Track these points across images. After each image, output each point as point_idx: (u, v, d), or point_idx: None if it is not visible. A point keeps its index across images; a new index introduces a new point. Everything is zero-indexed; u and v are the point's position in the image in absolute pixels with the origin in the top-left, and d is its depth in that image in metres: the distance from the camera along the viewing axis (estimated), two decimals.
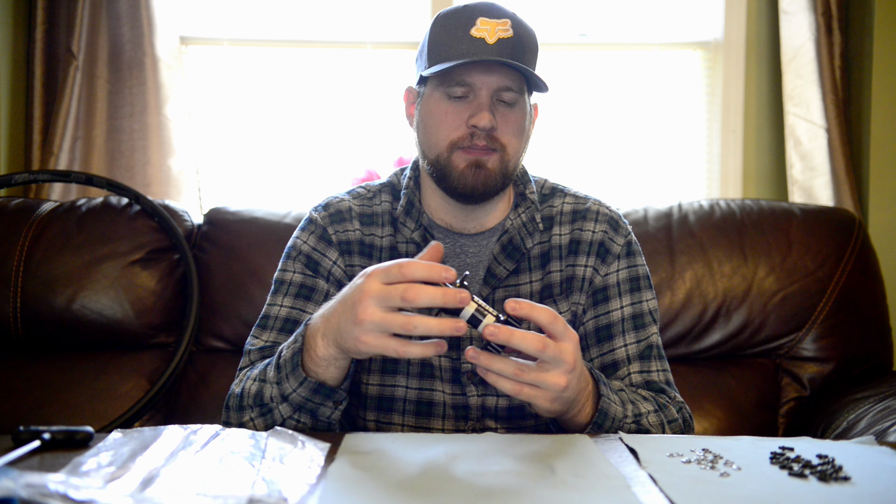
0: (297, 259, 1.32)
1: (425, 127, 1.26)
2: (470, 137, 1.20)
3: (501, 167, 1.23)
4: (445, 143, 1.22)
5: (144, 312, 1.86)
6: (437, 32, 1.23)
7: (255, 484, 0.81)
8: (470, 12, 1.20)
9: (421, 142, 1.28)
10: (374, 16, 2.47)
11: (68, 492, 0.71)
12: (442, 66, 1.18)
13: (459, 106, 1.21)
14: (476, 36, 1.18)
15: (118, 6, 2.29)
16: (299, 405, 1.09)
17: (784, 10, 2.31)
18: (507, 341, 0.93)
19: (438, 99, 1.23)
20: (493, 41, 1.18)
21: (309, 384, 1.06)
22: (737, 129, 2.43)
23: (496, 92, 1.21)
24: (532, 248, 1.31)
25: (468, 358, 0.95)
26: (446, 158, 1.22)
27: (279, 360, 1.10)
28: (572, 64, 2.48)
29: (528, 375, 0.95)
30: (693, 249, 1.91)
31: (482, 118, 1.19)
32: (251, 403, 1.13)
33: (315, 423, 1.11)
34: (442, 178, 1.24)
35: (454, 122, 1.21)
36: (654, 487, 0.84)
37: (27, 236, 1.87)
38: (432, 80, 1.24)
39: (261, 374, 1.14)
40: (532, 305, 0.95)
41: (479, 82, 1.20)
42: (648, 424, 1.15)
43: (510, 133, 1.22)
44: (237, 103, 2.46)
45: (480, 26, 1.19)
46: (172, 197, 2.31)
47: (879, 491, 0.84)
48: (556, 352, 0.95)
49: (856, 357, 1.87)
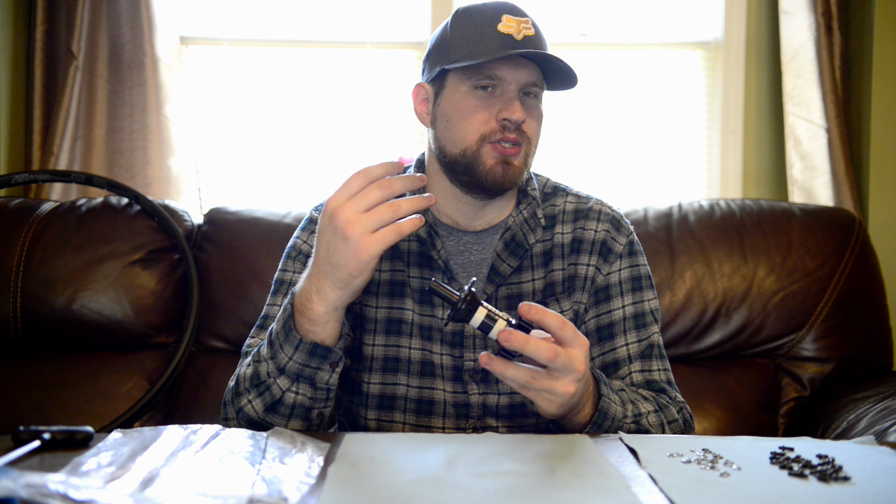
0: (297, 259, 1.32)
1: (449, 121, 1.24)
2: (501, 131, 1.21)
3: (525, 162, 1.25)
4: (476, 137, 1.22)
5: (144, 312, 1.86)
6: (460, 28, 1.23)
7: (255, 484, 0.81)
8: (494, 9, 1.22)
9: (441, 136, 1.26)
10: (374, 16, 2.47)
11: (68, 492, 0.71)
12: (476, 61, 1.18)
13: (488, 99, 1.22)
14: (504, 31, 1.20)
15: (118, 6, 2.29)
16: (297, 374, 1.08)
17: (784, 10, 2.31)
18: (521, 349, 0.94)
19: (466, 93, 1.23)
20: (520, 37, 1.20)
21: (305, 346, 1.06)
22: (737, 129, 2.43)
23: (523, 86, 1.23)
24: (534, 245, 1.32)
25: (482, 363, 0.96)
26: (475, 152, 1.22)
27: (270, 336, 1.10)
28: (572, 64, 2.47)
29: (538, 383, 0.97)
30: (693, 249, 1.91)
31: (515, 111, 1.20)
32: (248, 386, 1.13)
33: (315, 393, 1.09)
34: (466, 171, 1.23)
35: (484, 115, 1.21)
36: (654, 487, 0.84)
37: (27, 236, 1.87)
38: (456, 75, 1.24)
39: (255, 356, 1.14)
40: (544, 311, 0.96)
41: (509, 76, 1.21)
42: (648, 424, 1.15)
43: (535, 127, 1.25)
44: (237, 103, 2.46)
45: (507, 23, 1.21)
46: (172, 197, 2.31)
47: (879, 491, 0.84)
48: (566, 360, 0.96)
49: (856, 357, 1.87)
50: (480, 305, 0.96)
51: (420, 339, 1.28)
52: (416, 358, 1.27)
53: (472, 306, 0.96)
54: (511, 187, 1.25)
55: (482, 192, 1.25)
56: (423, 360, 1.27)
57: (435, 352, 1.27)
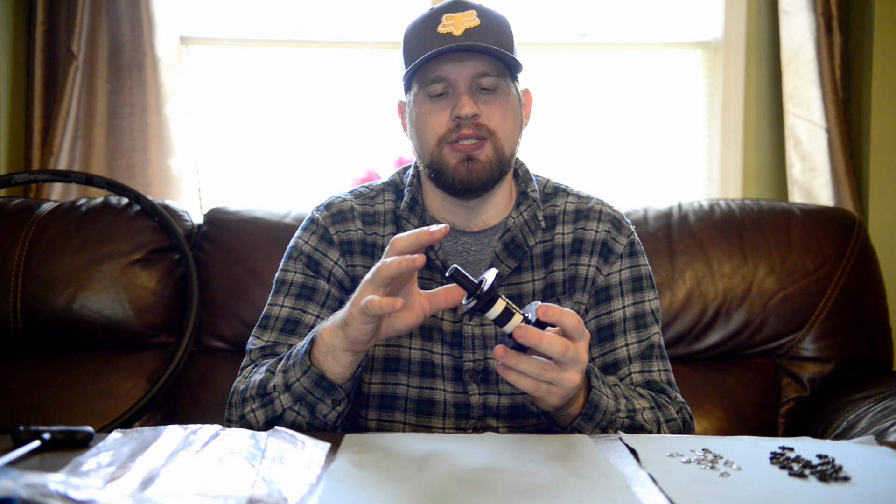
0: (298, 259, 1.32)
1: (415, 130, 1.27)
2: (456, 129, 1.22)
3: (496, 155, 1.23)
4: (434, 141, 1.23)
5: (144, 312, 1.86)
6: (408, 38, 1.27)
7: (255, 484, 0.81)
8: (435, 12, 1.24)
9: (415, 147, 1.30)
10: (374, 16, 2.47)
11: (68, 492, 0.71)
12: (412, 66, 1.22)
13: (441, 103, 1.23)
14: (443, 31, 1.21)
15: (118, 6, 2.29)
16: (300, 396, 1.10)
17: (784, 10, 2.31)
18: (536, 344, 0.95)
19: (421, 101, 1.25)
20: (459, 33, 1.21)
21: (312, 374, 1.08)
22: (737, 129, 2.43)
23: (473, 80, 1.22)
24: (534, 246, 1.32)
25: (496, 356, 0.98)
26: (438, 155, 1.23)
27: (291, 352, 1.13)
28: (572, 64, 2.48)
29: (549, 374, 0.98)
30: (693, 249, 1.91)
31: (463, 106, 1.20)
32: (253, 395, 1.15)
33: (312, 420, 1.11)
34: (438, 176, 1.25)
35: (438, 118, 1.23)
36: (654, 487, 0.84)
37: (27, 236, 1.87)
38: (413, 84, 1.27)
39: (270, 366, 1.16)
40: (561, 311, 0.97)
41: (453, 74, 1.22)
42: (643, 421, 1.15)
43: (498, 118, 1.23)
44: (237, 103, 2.46)
45: (446, 22, 1.22)
46: (172, 197, 2.31)
47: (879, 491, 0.84)
48: (574, 353, 0.98)
49: (856, 357, 1.87)
50: (499, 298, 0.97)
51: (420, 340, 1.28)
52: (416, 358, 1.28)
53: (493, 298, 0.97)
54: (482, 184, 1.24)
55: (458, 193, 1.25)
56: (423, 361, 1.28)
57: (435, 352, 1.27)
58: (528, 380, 0.98)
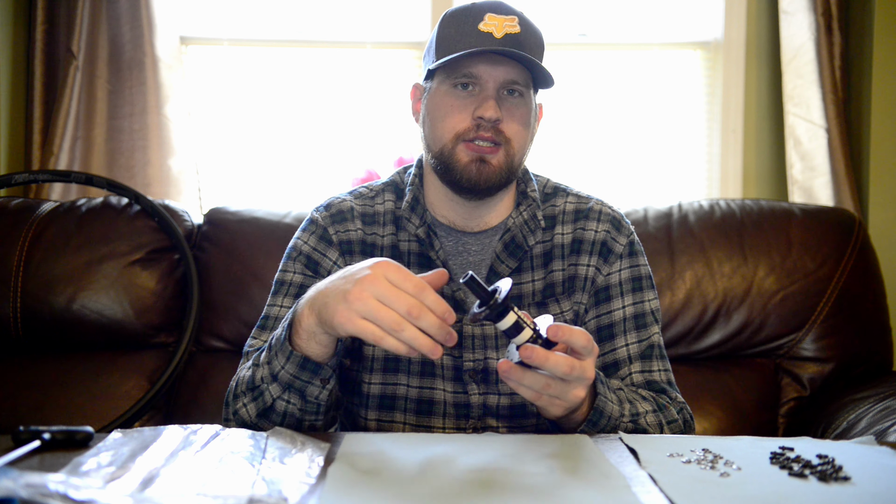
0: (297, 259, 1.32)
1: (431, 119, 1.26)
2: (475, 129, 1.21)
3: (506, 162, 1.23)
4: (451, 135, 1.23)
5: (144, 312, 1.86)
6: (445, 28, 1.25)
7: (255, 484, 0.81)
8: (479, 9, 1.23)
9: (426, 135, 1.28)
10: (374, 16, 2.47)
11: (68, 492, 0.71)
12: (449, 57, 1.20)
13: (465, 98, 1.22)
14: (484, 30, 1.20)
15: (118, 6, 2.29)
16: (288, 384, 1.07)
17: (784, 10, 2.31)
18: (542, 365, 0.95)
19: (445, 91, 1.24)
20: (500, 35, 1.20)
21: (295, 359, 1.05)
22: (737, 129, 2.43)
23: (502, 85, 1.22)
24: (534, 246, 1.32)
25: (500, 370, 0.97)
26: (450, 150, 1.23)
27: (271, 340, 1.10)
28: (572, 64, 2.48)
29: (552, 390, 0.98)
30: (693, 249, 1.91)
31: (488, 108, 1.20)
32: (244, 390, 1.13)
33: (304, 405, 1.09)
34: (446, 171, 1.24)
35: (460, 113, 1.22)
36: (654, 487, 0.84)
37: (27, 236, 1.87)
38: (439, 74, 1.25)
39: (255, 360, 1.14)
40: (571, 330, 0.97)
41: (485, 75, 1.21)
42: (646, 424, 1.15)
43: (516, 126, 1.23)
44: (237, 103, 2.46)
45: (488, 21, 1.20)
46: (172, 197, 2.31)
47: (879, 491, 0.84)
48: (580, 371, 0.97)
49: (856, 357, 1.87)
50: (511, 310, 0.96)
51: None
52: (416, 358, 1.27)
53: (505, 309, 0.97)
54: (488, 187, 1.23)
55: (463, 191, 1.25)
56: (423, 360, 1.27)
57: None
58: (531, 391, 0.98)
